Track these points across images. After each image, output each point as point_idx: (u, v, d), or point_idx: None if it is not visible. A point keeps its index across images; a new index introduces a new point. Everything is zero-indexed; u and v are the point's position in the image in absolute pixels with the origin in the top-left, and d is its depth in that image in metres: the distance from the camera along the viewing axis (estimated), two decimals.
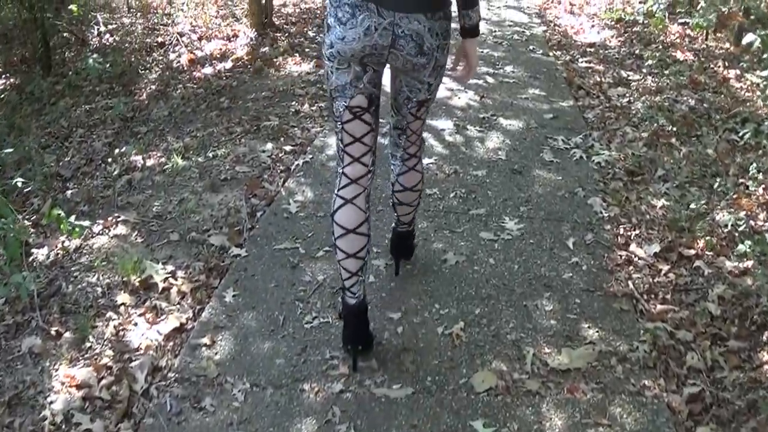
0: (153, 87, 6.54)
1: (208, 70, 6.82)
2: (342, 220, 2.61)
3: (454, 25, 2.52)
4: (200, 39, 7.89)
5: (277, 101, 5.75)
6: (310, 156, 4.64)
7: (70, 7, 7.46)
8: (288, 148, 4.81)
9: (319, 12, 8.98)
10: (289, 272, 3.38)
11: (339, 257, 2.65)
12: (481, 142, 4.88)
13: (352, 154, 2.62)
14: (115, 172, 4.75)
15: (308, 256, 3.50)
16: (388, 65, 2.58)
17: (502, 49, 7.24)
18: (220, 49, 7.48)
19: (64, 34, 7.90)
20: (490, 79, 6.21)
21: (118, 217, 4.06)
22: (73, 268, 3.61)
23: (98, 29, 8.07)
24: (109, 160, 4.98)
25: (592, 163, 4.59)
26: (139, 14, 8.99)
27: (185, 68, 7.01)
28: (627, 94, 5.92)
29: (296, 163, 4.56)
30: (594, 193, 4.17)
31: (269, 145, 4.85)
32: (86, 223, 3.74)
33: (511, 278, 3.33)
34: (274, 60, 6.84)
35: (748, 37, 5.59)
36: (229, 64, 6.92)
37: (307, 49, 7.22)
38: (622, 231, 3.80)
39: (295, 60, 6.81)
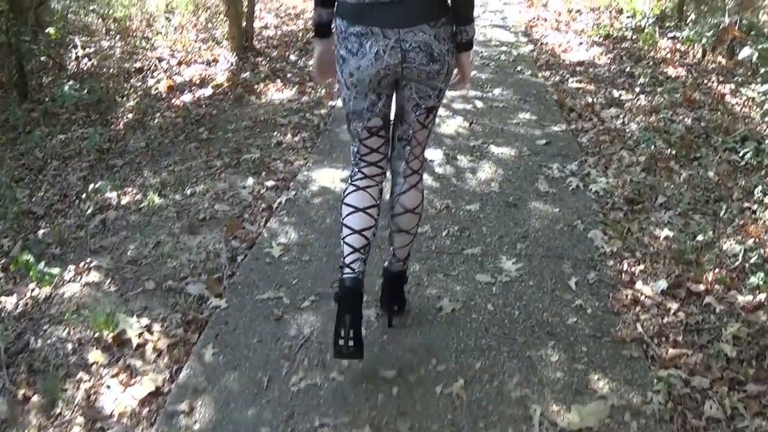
0: (130, 116, 6.34)
1: (187, 97, 6.63)
2: (353, 201, 2.77)
3: None
4: (180, 64, 7.70)
5: (258, 131, 5.56)
6: (294, 192, 4.44)
7: (47, 30, 7.25)
8: (270, 183, 4.61)
9: (300, 35, 8.80)
10: (272, 325, 3.17)
11: (344, 234, 2.74)
12: (472, 173, 4.69)
13: (369, 161, 2.83)
14: (89, 211, 4.54)
15: (293, 306, 3.30)
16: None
17: (490, 70, 7.07)
18: (200, 75, 7.29)
19: (42, 58, 7.68)
20: (478, 104, 6.03)
21: (91, 262, 3.85)
22: (42, 320, 3.39)
23: (76, 53, 7.86)
24: (84, 196, 4.77)
25: (589, 192, 4.41)
26: (117, 37, 8.77)
27: (164, 95, 6.82)
28: (621, 116, 5.76)
29: (279, 200, 4.36)
30: (594, 225, 3.99)
31: (250, 181, 4.65)
32: (56, 270, 3.56)
33: (512, 326, 3.13)
34: (255, 87, 6.65)
35: (745, 51, 5.47)
36: (208, 91, 6.73)
37: (288, 75, 7.03)
38: (626, 266, 3.62)
39: (277, 86, 6.63)
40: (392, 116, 2.84)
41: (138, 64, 7.77)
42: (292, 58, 7.63)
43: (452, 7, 2.60)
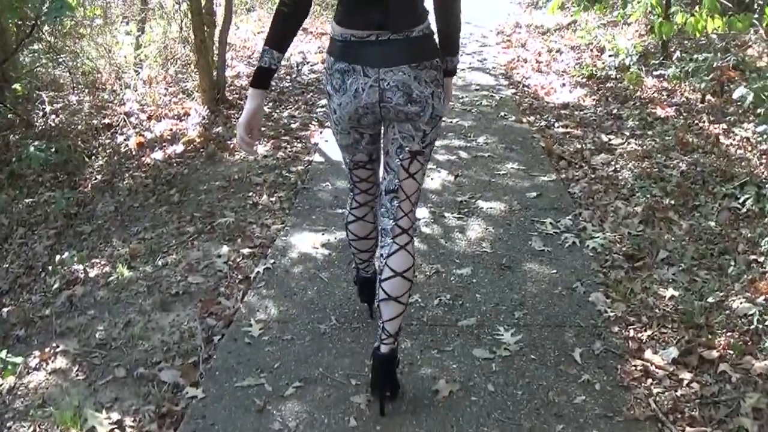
0: (99, 177, 6.12)
1: (157, 155, 6.43)
2: (355, 230, 3.18)
3: None
4: (150, 119, 7.50)
5: (232, 192, 5.36)
6: (272, 261, 4.23)
7: (14, 87, 7.03)
8: (246, 251, 4.41)
9: (274, 84, 8.63)
10: (254, 418, 2.95)
11: (353, 250, 3.30)
12: (461, 232, 4.51)
13: (360, 188, 3.07)
14: (55, 286, 4.32)
15: (276, 395, 3.07)
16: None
17: (472, 117, 6.92)
18: (171, 130, 7.10)
19: (8, 116, 7.45)
20: (463, 154, 5.87)
21: (57, 347, 3.62)
22: (7, 416, 3.16)
23: (43, 109, 7.64)
24: (50, 268, 4.56)
25: (586, 249, 4.24)
26: (86, 91, 8.56)
27: (134, 153, 6.61)
28: (612, 162, 5.62)
29: (256, 270, 4.15)
30: (594, 287, 3.82)
31: (225, 249, 4.44)
32: (19, 359, 3.34)
33: (515, 409, 2.93)
34: (228, 142, 6.46)
35: (739, 91, 5.36)
36: (180, 148, 6.53)
37: (262, 128, 6.84)
38: (632, 333, 3.44)
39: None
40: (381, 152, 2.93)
41: (107, 120, 7.57)
42: (266, 109, 7.45)
43: (439, 41, 2.73)
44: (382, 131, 2.82)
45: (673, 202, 4.80)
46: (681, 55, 8.01)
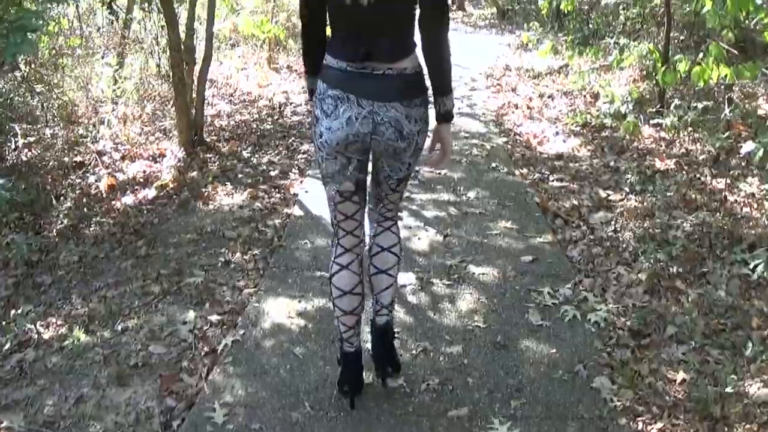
0: (66, 221, 5.72)
1: (128, 199, 6.08)
2: (340, 284, 3.05)
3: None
4: (123, 158, 7.14)
5: (203, 247, 5.00)
6: (242, 332, 3.86)
7: None
8: (215, 317, 4.04)
9: (254, 126, 8.31)
10: None
11: (337, 314, 3.10)
12: (451, 302, 4.16)
13: (345, 228, 3.04)
14: (6, 346, 3.92)
15: None
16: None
17: (462, 168, 6.58)
18: (144, 172, 6.75)
19: None
20: (452, 210, 5.53)
21: (1, 422, 3.23)
22: None
23: (16, 142, 7.26)
24: (4, 323, 4.16)
25: (588, 323, 3.91)
26: (61, 125, 8.16)
27: (104, 195, 6.24)
28: (611, 221, 5.32)
29: (224, 342, 3.78)
30: (598, 370, 3.48)
31: (191, 314, 4.08)
32: None
33: None
34: (203, 190, 6.11)
35: (747, 146, 5.08)
36: (152, 192, 6.17)
37: (240, 175, 6.50)
38: (641, 425, 3.11)
39: (226, 190, 6.09)
40: (367, 186, 3.08)
41: (79, 158, 7.20)
42: (245, 154, 7.10)
43: (430, 80, 2.82)
44: (371, 163, 3.00)
45: (679, 269, 4.48)
46: (678, 103, 7.75)
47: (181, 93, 7.13)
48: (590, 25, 13.46)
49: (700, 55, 5.83)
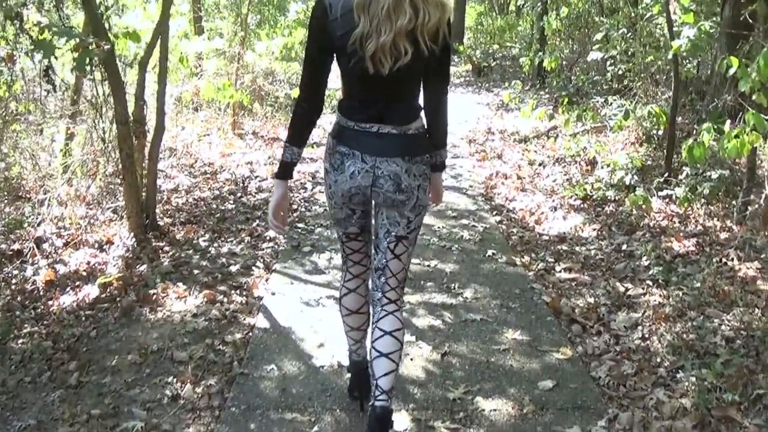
0: None
1: (67, 298, 5.22)
2: (348, 304, 3.43)
3: None
4: (66, 245, 6.28)
5: (146, 374, 4.14)
6: None
7: None
8: None
9: (214, 206, 7.47)
10: None
11: (346, 329, 3.51)
12: None
13: (353, 260, 3.38)
14: None
15: None
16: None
17: (454, 258, 5.76)
18: (89, 263, 5.88)
19: None
20: (448, 317, 4.70)
21: None
22: None
23: None
24: None
25: None
26: (6, 202, 7.28)
27: (41, 293, 5.37)
28: (637, 324, 4.54)
29: None
30: None
31: None
32: None
33: None
34: (151, 291, 5.25)
35: None
36: (94, 291, 5.31)
37: (195, 271, 5.64)
38: None
39: (179, 292, 5.21)
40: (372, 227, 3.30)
41: (17, 246, 6.33)
42: (202, 243, 6.25)
43: (429, 136, 3.08)
44: (373, 213, 3.25)
45: (729, 395, 3.68)
46: (689, 172, 7.04)
47: (129, 171, 6.32)
48: (573, 82, 12.88)
49: (727, 122, 5.11)
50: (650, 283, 5.17)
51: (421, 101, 3.06)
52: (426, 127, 3.09)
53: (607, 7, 13.41)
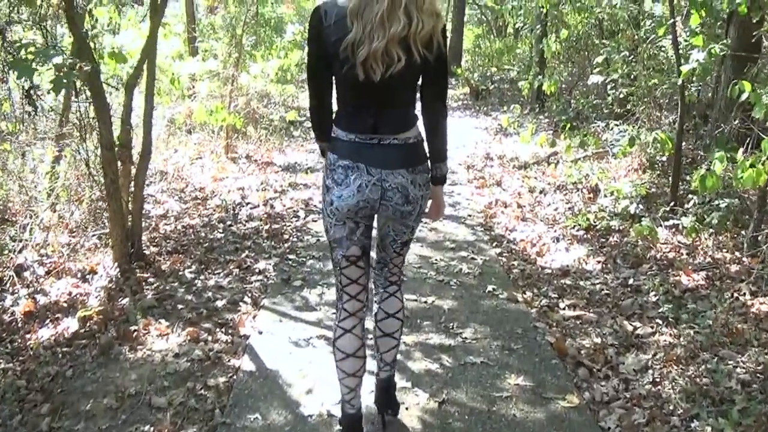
0: None
1: (46, 332, 4.96)
2: (343, 347, 3.28)
3: None
4: (48, 274, 6.01)
5: (122, 421, 3.87)
6: None
7: None
8: None
9: (203, 234, 7.21)
10: None
11: (340, 376, 3.33)
12: None
13: (349, 293, 3.28)
14: None
15: None
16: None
17: (452, 294, 5.48)
18: (70, 294, 5.62)
19: None
20: (446, 360, 4.42)
21: None
22: None
23: None
24: None
25: None
26: None
27: (19, 324, 5.11)
28: (647, 368, 4.27)
29: None
30: None
31: None
32: None
33: None
34: (132, 328, 4.98)
35: None
36: (74, 325, 5.05)
37: (180, 305, 5.37)
38: None
39: (161, 329, 4.94)
40: (372, 253, 3.35)
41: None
42: (188, 275, 5.97)
43: (429, 150, 3.16)
44: (376, 226, 3.29)
45: None
46: (696, 200, 6.80)
47: (114, 198, 6.06)
48: (572, 106, 12.64)
49: (738, 151, 4.85)
50: (659, 321, 4.92)
51: (417, 111, 3.11)
52: (424, 135, 3.15)
53: (608, 29, 13.19)
